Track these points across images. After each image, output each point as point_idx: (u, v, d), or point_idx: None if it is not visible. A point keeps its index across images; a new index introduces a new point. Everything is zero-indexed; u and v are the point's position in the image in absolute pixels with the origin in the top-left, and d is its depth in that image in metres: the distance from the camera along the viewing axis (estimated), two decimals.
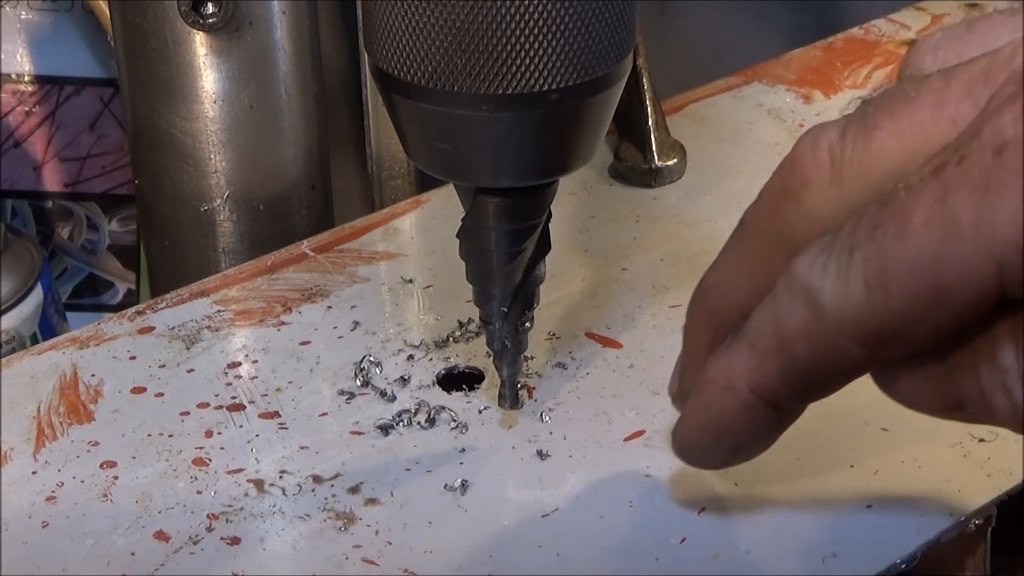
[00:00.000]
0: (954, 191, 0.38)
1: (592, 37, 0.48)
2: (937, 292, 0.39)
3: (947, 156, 0.39)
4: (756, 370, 0.44)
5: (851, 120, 0.43)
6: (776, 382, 0.44)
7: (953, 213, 0.38)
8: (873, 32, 0.91)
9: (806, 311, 0.42)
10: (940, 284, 0.39)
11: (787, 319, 0.42)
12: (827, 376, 0.44)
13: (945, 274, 0.39)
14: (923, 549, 0.52)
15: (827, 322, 0.41)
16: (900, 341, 0.41)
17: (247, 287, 0.67)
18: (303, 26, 0.74)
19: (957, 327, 0.40)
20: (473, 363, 0.62)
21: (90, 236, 1.18)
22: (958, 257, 0.38)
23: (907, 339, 0.41)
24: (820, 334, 0.42)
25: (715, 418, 0.46)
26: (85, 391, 0.61)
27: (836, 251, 0.41)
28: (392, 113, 0.52)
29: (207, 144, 0.73)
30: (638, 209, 0.74)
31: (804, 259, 0.42)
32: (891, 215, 0.40)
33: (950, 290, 0.39)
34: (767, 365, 0.44)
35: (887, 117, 0.43)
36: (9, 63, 1.13)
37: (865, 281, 0.40)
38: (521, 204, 0.53)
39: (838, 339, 0.42)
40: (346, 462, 0.57)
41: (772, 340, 0.43)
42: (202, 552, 0.52)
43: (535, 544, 0.52)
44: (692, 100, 0.83)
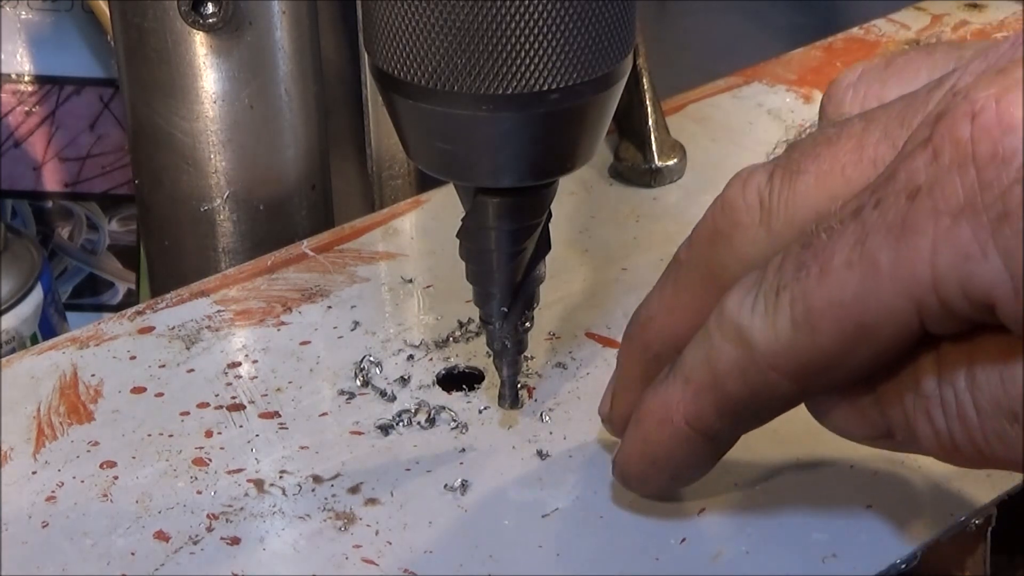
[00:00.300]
0: (872, 234, 0.40)
1: (592, 37, 0.48)
2: (861, 330, 0.41)
3: (865, 199, 0.41)
4: (692, 404, 0.46)
5: (778, 164, 0.45)
6: (711, 415, 0.46)
7: (871, 255, 0.40)
8: (873, 32, 0.91)
9: (737, 348, 0.44)
10: (863, 323, 0.41)
11: (719, 356, 0.45)
12: (760, 409, 0.46)
13: (867, 313, 0.41)
14: (923, 549, 0.52)
15: (758, 359, 0.44)
16: (828, 376, 0.43)
17: (247, 287, 0.67)
18: (303, 26, 0.74)
19: (884, 361, 0.42)
20: (473, 363, 0.62)
21: (90, 236, 1.18)
22: (878, 297, 0.40)
23: (835, 374, 0.43)
24: (751, 371, 0.44)
25: (654, 449, 0.48)
26: (85, 391, 0.61)
27: (764, 290, 0.43)
28: (392, 113, 0.52)
29: (207, 144, 0.73)
30: (638, 209, 0.74)
31: (734, 297, 0.44)
32: (814, 257, 0.42)
33: (873, 328, 0.41)
34: (702, 399, 0.46)
35: (811, 161, 0.44)
36: (9, 63, 1.13)
37: (792, 320, 0.42)
38: (521, 204, 0.53)
39: (769, 375, 0.44)
40: (346, 462, 0.57)
41: (706, 375, 0.45)
42: (202, 552, 0.52)
43: (535, 544, 0.52)
44: (692, 100, 0.83)
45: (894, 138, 0.43)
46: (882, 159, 0.43)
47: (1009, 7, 0.95)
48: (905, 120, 0.43)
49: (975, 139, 0.39)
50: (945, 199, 0.39)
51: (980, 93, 0.39)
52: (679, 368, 0.47)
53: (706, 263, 0.47)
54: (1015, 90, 0.39)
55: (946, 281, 0.39)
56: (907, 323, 0.41)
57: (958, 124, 0.39)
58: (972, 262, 0.39)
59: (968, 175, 0.39)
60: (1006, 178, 0.38)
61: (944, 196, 0.39)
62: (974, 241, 0.38)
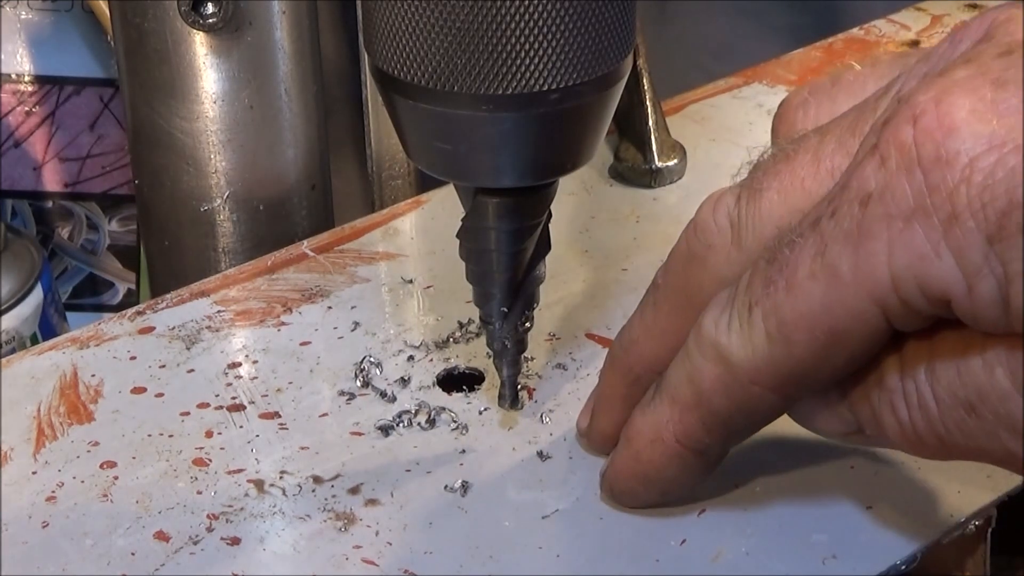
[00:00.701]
0: (831, 244, 0.42)
1: (592, 37, 0.48)
2: (833, 337, 0.43)
3: (822, 209, 0.42)
4: (680, 423, 0.48)
5: (744, 185, 0.47)
6: (700, 432, 0.48)
7: (832, 264, 0.42)
8: (873, 32, 0.91)
9: (718, 366, 0.46)
10: (834, 330, 0.42)
11: (702, 375, 0.46)
12: (747, 422, 0.48)
13: (836, 320, 0.42)
14: (923, 549, 0.52)
15: (739, 375, 0.45)
16: (809, 383, 0.45)
17: (247, 287, 0.67)
18: (303, 26, 0.74)
19: (860, 362, 0.44)
20: (473, 364, 0.62)
21: (90, 236, 1.18)
22: (844, 304, 0.42)
23: (815, 381, 0.45)
24: (734, 387, 0.46)
25: (645, 468, 0.50)
26: (85, 391, 0.61)
27: (737, 308, 0.45)
28: (392, 113, 0.52)
29: (207, 144, 0.73)
30: (638, 209, 0.74)
31: (709, 317, 0.46)
32: (779, 271, 0.43)
33: (844, 333, 0.42)
34: (689, 417, 0.48)
35: (772, 178, 0.46)
36: (9, 63, 1.13)
37: (767, 335, 0.44)
38: (521, 204, 0.53)
39: (751, 389, 0.45)
40: (346, 463, 0.57)
41: (691, 395, 0.47)
42: (202, 552, 0.52)
43: (535, 545, 0.52)
44: (692, 100, 0.83)
45: (848, 147, 0.44)
46: (838, 168, 0.44)
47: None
48: (856, 129, 0.44)
49: (918, 143, 0.40)
50: (895, 203, 0.40)
51: (920, 97, 0.40)
52: (665, 388, 0.48)
53: (683, 286, 0.49)
54: (954, 91, 0.40)
55: (904, 281, 0.41)
56: (875, 324, 0.42)
57: (901, 129, 0.40)
58: (927, 262, 0.40)
59: (915, 179, 0.40)
60: (951, 180, 0.39)
61: (894, 200, 0.40)
62: (927, 242, 0.40)
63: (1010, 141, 0.39)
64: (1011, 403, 0.41)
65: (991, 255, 0.39)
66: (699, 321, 0.46)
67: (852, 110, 0.45)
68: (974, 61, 0.41)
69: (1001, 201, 0.38)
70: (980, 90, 0.40)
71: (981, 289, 0.39)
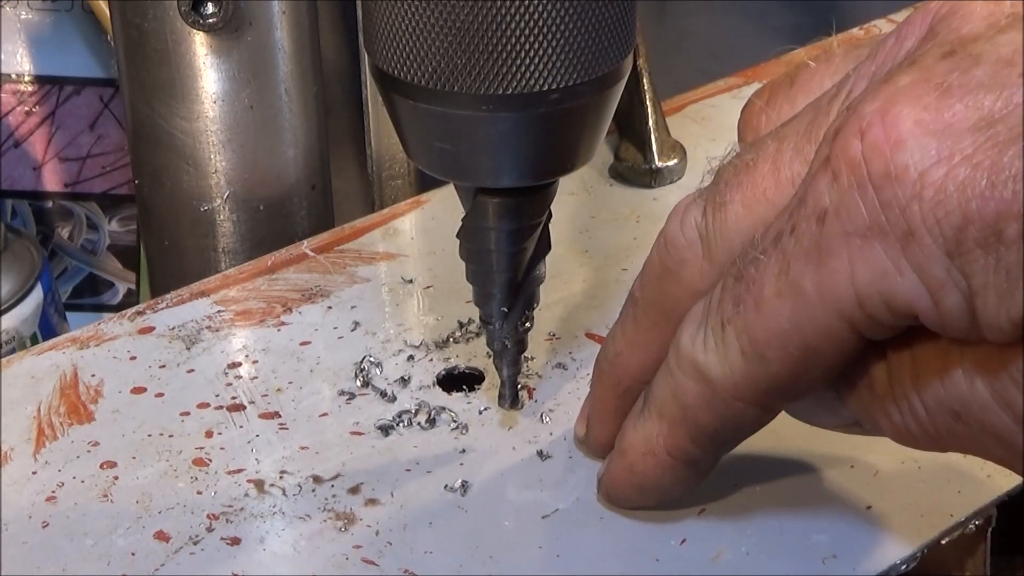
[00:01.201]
0: (793, 262, 0.42)
1: (592, 37, 0.48)
2: (806, 352, 0.43)
3: (783, 224, 0.42)
4: (669, 436, 0.49)
5: (708, 196, 0.47)
6: (689, 446, 0.48)
7: (796, 282, 0.42)
8: (873, 32, 0.91)
9: (698, 384, 0.46)
10: (806, 345, 0.43)
11: (684, 392, 0.47)
12: (734, 434, 0.48)
13: (807, 337, 0.42)
14: (923, 549, 0.52)
15: (720, 392, 0.46)
16: (789, 395, 0.45)
17: (247, 287, 0.67)
18: (303, 26, 0.74)
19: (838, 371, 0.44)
20: (473, 363, 0.62)
21: (90, 236, 1.18)
22: (812, 320, 0.42)
23: (796, 392, 0.45)
24: (716, 402, 0.46)
25: (640, 479, 0.51)
26: (85, 391, 0.61)
27: (711, 326, 0.45)
28: (392, 113, 0.52)
29: (207, 144, 0.73)
30: (638, 209, 0.74)
31: (686, 333, 0.46)
32: (747, 289, 0.43)
33: (816, 348, 0.43)
34: (677, 432, 0.48)
35: (735, 190, 0.46)
36: (9, 63, 1.13)
37: (742, 352, 0.44)
38: (521, 204, 0.53)
39: (734, 405, 0.46)
40: (346, 462, 0.57)
41: (677, 411, 0.48)
42: (202, 552, 0.52)
43: (535, 544, 0.52)
44: (692, 100, 0.83)
45: (805, 154, 0.44)
46: (798, 176, 0.44)
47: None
48: (812, 133, 0.44)
49: (867, 158, 0.39)
50: (851, 220, 0.40)
51: (867, 108, 0.40)
52: (652, 403, 0.49)
53: (659, 299, 0.49)
54: (899, 100, 0.39)
55: (869, 297, 0.40)
56: (846, 337, 0.42)
57: (850, 143, 0.40)
58: (889, 279, 0.40)
59: (868, 196, 0.39)
60: (903, 196, 0.39)
61: (850, 218, 0.40)
62: (887, 259, 0.40)
63: (957, 152, 0.38)
64: (992, 414, 0.40)
65: (952, 269, 0.39)
66: (677, 337, 0.47)
67: (807, 111, 0.45)
68: (918, 64, 0.40)
69: (955, 216, 0.38)
70: (924, 98, 0.39)
71: (947, 303, 0.39)
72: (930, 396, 0.42)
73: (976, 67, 0.39)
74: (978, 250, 0.38)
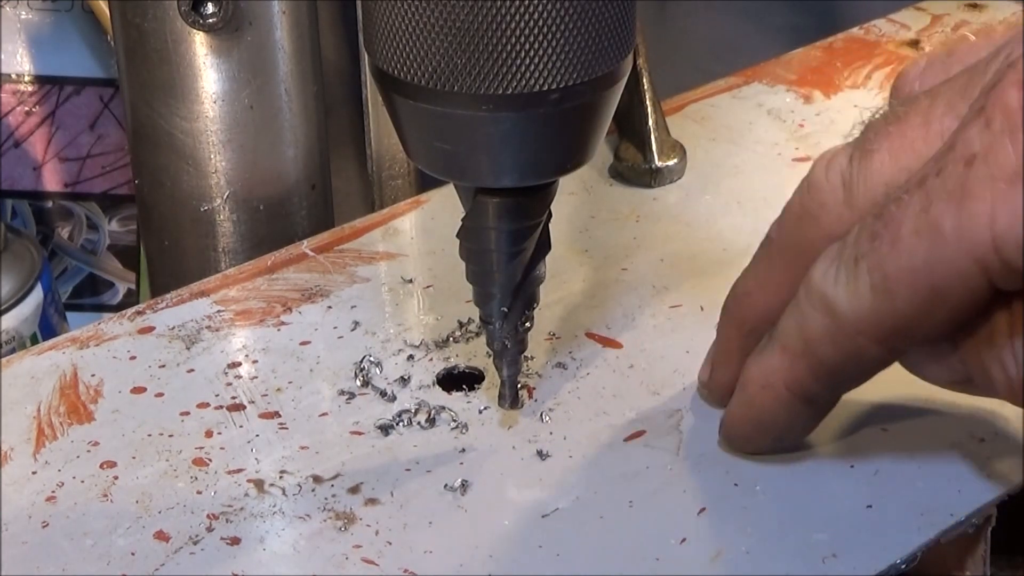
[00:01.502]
0: (935, 201, 0.43)
1: (592, 37, 0.48)
2: (934, 293, 0.43)
3: (929, 168, 0.43)
4: (789, 370, 0.49)
5: (855, 145, 0.48)
6: (808, 380, 0.49)
7: (936, 221, 0.43)
8: (873, 32, 0.91)
9: (825, 317, 0.47)
10: (935, 286, 0.43)
11: (810, 324, 0.47)
12: (854, 371, 0.49)
13: (938, 277, 0.43)
14: (923, 549, 0.52)
15: (845, 326, 0.46)
16: (912, 336, 0.46)
17: (247, 287, 0.67)
18: (303, 26, 0.74)
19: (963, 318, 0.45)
20: (473, 363, 0.62)
21: (90, 236, 1.18)
22: (946, 261, 0.43)
23: (918, 334, 0.46)
24: (840, 336, 0.47)
25: (758, 413, 0.52)
26: (85, 391, 0.61)
27: (844, 261, 0.46)
28: (392, 113, 0.52)
29: (207, 144, 0.73)
30: (638, 209, 0.74)
31: (819, 268, 0.47)
32: (885, 226, 0.44)
33: (945, 290, 0.43)
34: (798, 365, 0.49)
35: (884, 139, 0.47)
36: (9, 63, 1.13)
37: (872, 287, 0.45)
38: (521, 204, 0.53)
39: (857, 340, 0.46)
40: (346, 462, 0.57)
41: (800, 343, 0.48)
42: (202, 552, 0.52)
43: (535, 544, 0.52)
44: (692, 100, 0.83)
45: (958, 110, 0.45)
46: (948, 131, 0.45)
47: (1009, 7, 0.95)
48: (967, 92, 0.45)
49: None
50: (999, 165, 0.41)
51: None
52: (776, 337, 0.50)
53: (796, 241, 0.50)
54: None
55: (1006, 243, 0.41)
56: (976, 283, 0.43)
57: (1007, 92, 0.41)
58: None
59: (1019, 141, 0.41)
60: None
61: (998, 162, 0.41)
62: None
63: None
64: None
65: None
66: (809, 272, 0.47)
67: (963, 73, 0.46)
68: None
69: None
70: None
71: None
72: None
73: None
74: None
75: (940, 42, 0.82)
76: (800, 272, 0.49)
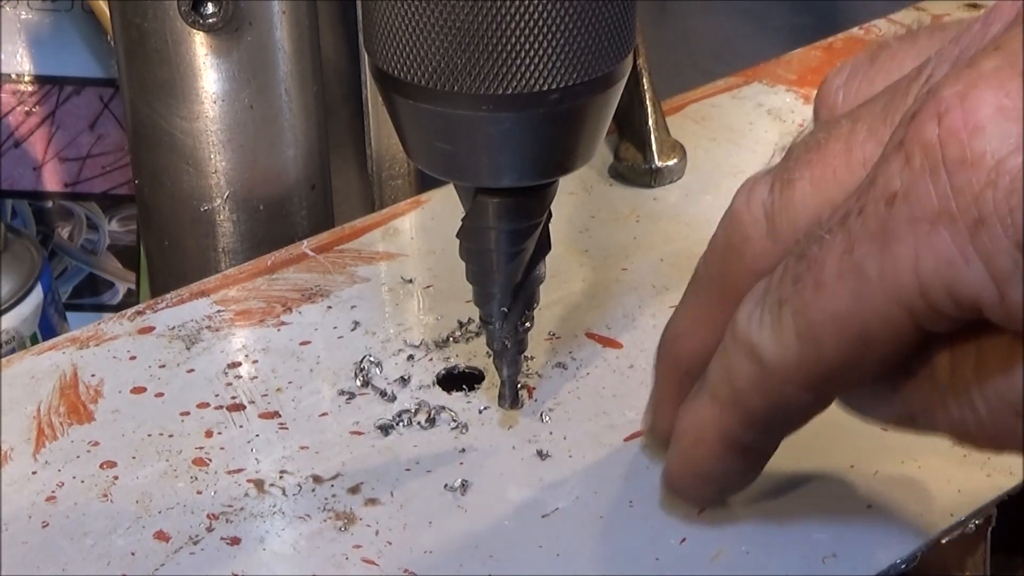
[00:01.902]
0: (858, 243, 0.40)
1: (592, 37, 0.48)
2: (862, 338, 0.41)
3: (851, 206, 0.41)
4: (720, 421, 0.47)
5: (776, 174, 0.45)
6: (740, 430, 0.47)
7: (859, 265, 0.40)
8: (873, 32, 0.91)
9: (752, 364, 0.44)
10: (862, 332, 0.41)
11: (737, 373, 0.45)
12: (785, 420, 0.46)
13: (865, 323, 0.41)
14: (923, 549, 0.52)
15: (772, 374, 0.44)
16: (842, 383, 0.44)
17: (247, 287, 0.67)
18: (303, 26, 0.74)
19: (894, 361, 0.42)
20: (473, 363, 0.62)
21: (90, 236, 1.18)
22: (872, 306, 0.41)
23: (849, 381, 0.44)
24: (768, 385, 0.44)
25: (695, 466, 0.49)
26: (85, 391, 0.61)
27: (768, 305, 0.44)
28: (392, 113, 0.52)
29: (207, 144, 0.73)
30: (638, 209, 0.74)
31: (743, 312, 0.45)
32: (808, 269, 0.42)
33: (873, 335, 0.41)
34: (729, 415, 0.46)
35: (804, 168, 0.44)
36: (9, 63, 1.13)
37: (797, 334, 0.43)
38: (521, 204, 0.53)
39: (785, 388, 0.44)
40: (346, 462, 0.57)
41: (728, 392, 0.46)
42: (202, 552, 0.52)
43: (535, 544, 0.52)
44: (692, 100, 0.83)
45: (879, 135, 0.43)
46: (870, 158, 0.43)
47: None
48: (888, 116, 0.43)
49: (943, 142, 0.38)
50: (921, 205, 0.39)
51: (946, 91, 0.39)
52: (705, 385, 0.47)
53: (722, 277, 0.48)
54: (980, 85, 0.38)
55: (932, 287, 0.39)
56: (904, 327, 0.41)
57: (926, 127, 0.39)
58: (955, 268, 0.39)
59: (940, 180, 0.38)
60: (976, 183, 0.38)
61: (919, 202, 0.39)
62: (954, 247, 0.38)
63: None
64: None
65: (1021, 261, 0.37)
66: (735, 315, 0.45)
67: (884, 93, 0.44)
68: (1003, 48, 0.39)
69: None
70: (1008, 83, 0.38)
71: (1013, 296, 0.38)
72: (992, 392, 0.41)
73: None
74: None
75: None
76: (729, 309, 0.46)
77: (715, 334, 0.48)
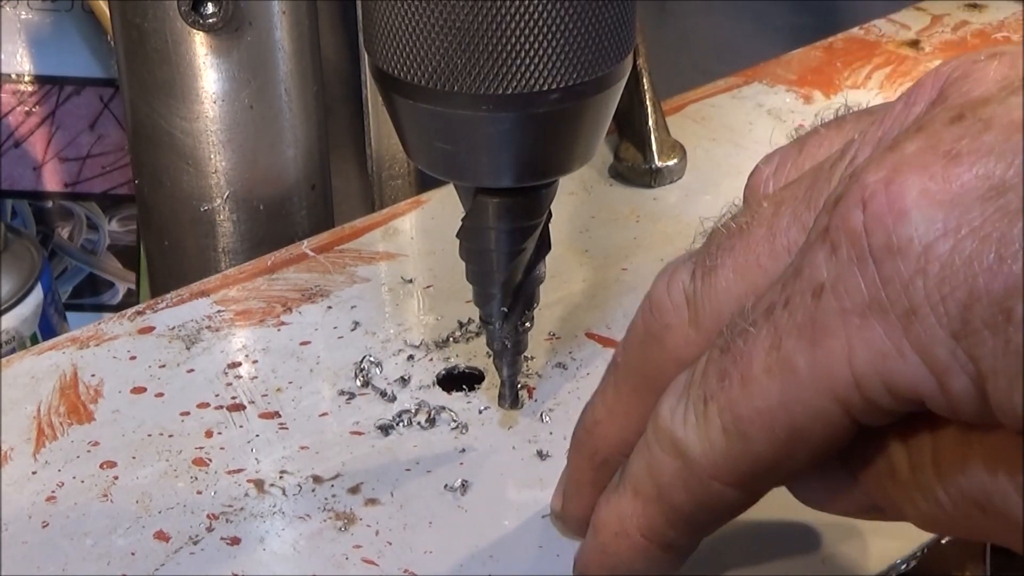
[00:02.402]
0: (785, 337, 0.39)
1: (592, 37, 0.48)
2: (793, 434, 0.40)
3: (776, 297, 0.39)
4: (643, 516, 0.45)
5: (698, 260, 0.44)
6: (663, 527, 0.45)
7: (788, 359, 0.39)
8: (873, 32, 0.91)
9: (676, 460, 0.43)
10: (793, 427, 0.39)
11: (660, 468, 0.43)
12: (711, 516, 0.44)
13: (796, 419, 0.39)
14: (923, 549, 0.52)
15: (697, 470, 0.42)
16: (772, 479, 0.42)
17: (247, 287, 0.67)
18: (303, 26, 0.74)
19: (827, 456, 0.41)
20: (473, 363, 0.62)
21: (90, 236, 1.18)
22: (803, 401, 0.39)
23: (779, 475, 0.42)
24: (693, 481, 0.43)
25: (614, 561, 0.47)
26: (85, 391, 0.61)
27: (692, 400, 0.42)
28: (392, 113, 0.52)
29: (207, 144, 0.73)
30: (638, 209, 0.74)
31: (666, 405, 0.43)
32: (733, 363, 0.40)
33: (805, 430, 0.39)
34: (652, 511, 0.45)
35: (727, 254, 0.43)
36: (9, 63, 1.13)
37: (723, 430, 0.41)
38: (521, 204, 0.53)
39: (711, 485, 0.42)
40: (346, 462, 0.57)
41: (651, 488, 0.44)
42: (202, 552, 0.52)
43: (535, 544, 0.52)
44: (692, 100, 0.83)
45: (803, 220, 0.41)
46: (794, 244, 0.41)
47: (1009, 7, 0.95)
48: (811, 201, 0.41)
49: (868, 230, 0.37)
50: (850, 297, 0.37)
51: (870, 176, 0.37)
52: (627, 478, 0.46)
53: (642, 366, 0.46)
54: (903, 169, 0.37)
55: (867, 381, 0.38)
56: (839, 421, 0.39)
57: (850, 214, 0.37)
58: (890, 361, 0.37)
59: (868, 270, 0.37)
60: (905, 271, 0.36)
61: (848, 294, 0.37)
62: (887, 340, 0.37)
63: (965, 224, 0.35)
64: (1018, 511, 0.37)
65: (958, 351, 0.36)
66: (657, 408, 0.44)
67: (807, 175, 0.42)
68: (925, 130, 0.38)
69: (961, 292, 0.35)
70: (931, 166, 0.36)
71: (954, 387, 0.36)
72: (953, 487, 0.39)
73: (986, 132, 0.36)
74: (986, 331, 0.35)
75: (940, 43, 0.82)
76: (650, 399, 0.44)
77: (635, 423, 0.46)
